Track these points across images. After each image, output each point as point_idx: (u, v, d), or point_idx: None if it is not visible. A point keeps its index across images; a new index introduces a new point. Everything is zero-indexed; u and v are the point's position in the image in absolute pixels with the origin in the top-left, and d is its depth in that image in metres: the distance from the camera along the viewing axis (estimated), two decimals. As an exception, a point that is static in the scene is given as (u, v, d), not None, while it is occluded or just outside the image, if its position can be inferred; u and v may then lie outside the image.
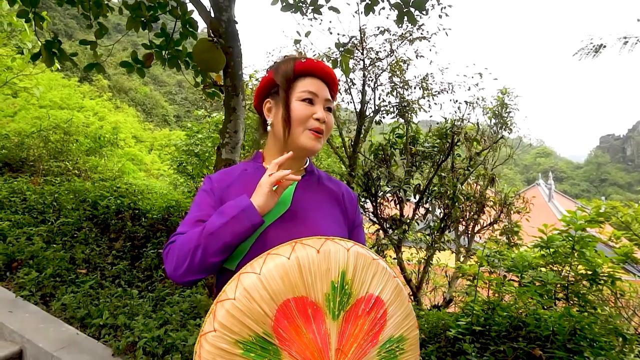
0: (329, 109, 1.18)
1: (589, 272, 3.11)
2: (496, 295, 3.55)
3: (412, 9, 2.98)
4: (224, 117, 3.34)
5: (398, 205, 6.13)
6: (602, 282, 3.14)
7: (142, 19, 3.43)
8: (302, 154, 1.18)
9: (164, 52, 3.63)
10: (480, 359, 2.72)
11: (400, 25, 2.80)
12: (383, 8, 3.06)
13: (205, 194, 1.15)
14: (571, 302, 3.19)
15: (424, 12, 2.98)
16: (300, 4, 3.30)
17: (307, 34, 3.02)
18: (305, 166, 1.23)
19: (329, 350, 0.92)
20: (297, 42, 2.81)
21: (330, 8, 3.16)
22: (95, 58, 3.51)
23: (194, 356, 0.93)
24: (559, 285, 3.23)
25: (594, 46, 3.94)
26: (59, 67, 4.11)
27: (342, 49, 3.35)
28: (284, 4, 3.22)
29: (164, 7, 3.53)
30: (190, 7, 3.40)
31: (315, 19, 5.40)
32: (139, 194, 5.09)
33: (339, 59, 3.15)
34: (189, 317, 2.77)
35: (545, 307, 3.27)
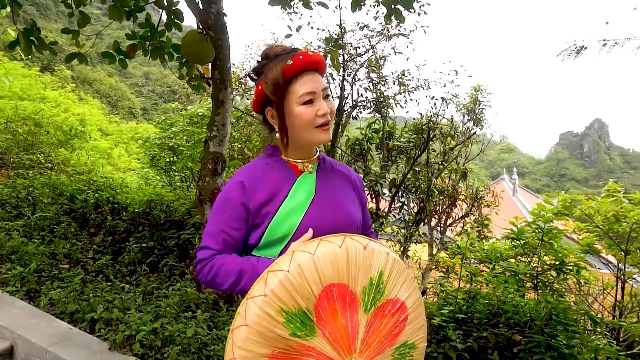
0: (327, 96, 1.19)
1: (557, 263, 3.25)
2: (474, 285, 3.70)
3: (400, 7, 3.05)
4: (211, 110, 3.33)
5: (375, 200, 6.24)
6: (568, 271, 3.29)
7: (127, 9, 3.36)
8: (316, 146, 1.25)
9: (147, 44, 3.58)
10: (464, 345, 2.85)
11: (388, 23, 2.86)
12: (372, 5, 3.10)
13: (230, 206, 1.17)
14: (540, 291, 3.34)
15: (412, 10, 3.06)
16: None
17: (298, 29, 3.05)
18: (317, 155, 1.28)
19: (357, 339, 0.99)
20: (288, 36, 2.83)
21: (319, 3, 3.20)
22: (78, 48, 3.42)
23: (236, 316, 0.98)
24: (528, 275, 3.38)
25: (576, 47, 4.17)
26: (22, 57, 3.98)
27: (333, 44, 3.39)
28: (273, -2, 3.23)
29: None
30: (175, -2, 3.36)
31: (296, 13, 5.42)
32: (117, 187, 4.99)
33: (328, 55, 3.19)
34: (180, 311, 2.77)
35: (522, 296, 3.43)
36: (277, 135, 1.21)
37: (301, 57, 1.13)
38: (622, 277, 5.28)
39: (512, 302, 3.21)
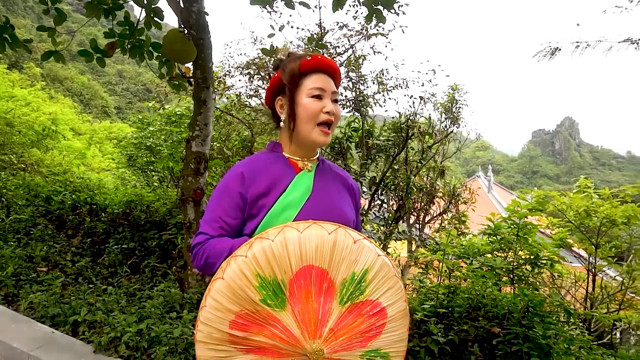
0: (335, 100, 1.27)
1: (532, 257, 3.36)
2: (452, 280, 3.79)
3: (381, 7, 3.09)
4: (193, 109, 3.31)
5: (354, 197, 6.27)
6: (543, 265, 3.40)
7: (105, 6, 3.30)
8: (314, 147, 1.30)
9: (126, 42, 3.52)
10: (445, 339, 2.92)
11: (368, 23, 2.90)
12: (352, 5, 3.14)
13: (227, 194, 1.21)
14: (516, 284, 3.45)
15: (392, 11, 3.11)
16: (271, -2, 3.33)
17: (280, 29, 3.05)
18: (316, 156, 1.35)
19: (325, 326, 1.01)
20: (270, 36, 2.84)
21: (301, 3, 3.21)
22: (54, 46, 3.35)
23: (218, 270, 1.03)
24: (504, 270, 3.48)
25: (550, 49, 4.33)
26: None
27: (315, 44, 3.41)
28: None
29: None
30: (157, -4, 3.31)
31: (276, 12, 5.41)
32: (95, 188, 4.90)
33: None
34: (164, 311, 2.76)
35: (498, 289, 3.53)
36: (283, 124, 1.27)
37: (319, 57, 1.25)
38: (593, 269, 5.49)
39: (491, 296, 3.30)
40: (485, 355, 2.87)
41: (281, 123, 1.28)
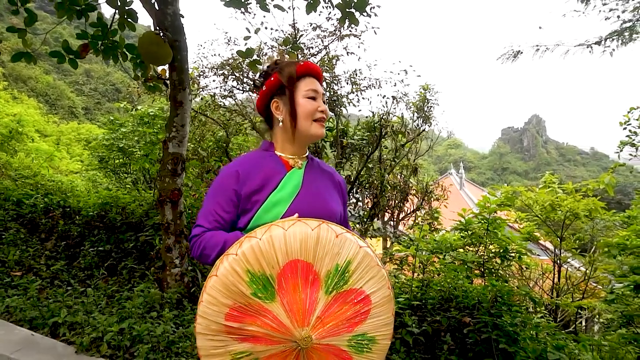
0: (323, 101, 1.41)
1: (501, 250, 3.51)
2: (426, 274, 3.92)
3: (354, 10, 3.19)
4: (169, 111, 3.32)
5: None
6: (511, 258, 3.55)
7: (78, 7, 3.28)
8: (312, 141, 1.42)
9: (99, 43, 3.50)
10: (419, 330, 3.04)
11: (341, 26, 2.98)
12: (325, 7, 3.22)
13: (223, 190, 1.31)
14: (486, 277, 3.60)
15: (365, 14, 3.20)
16: (245, 1, 3.38)
17: (256, 31, 3.10)
18: (306, 154, 1.44)
19: (312, 315, 1.09)
20: (246, 38, 2.88)
21: (276, 6, 3.28)
22: (25, 47, 3.30)
23: (212, 268, 1.12)
24: (475, 263, 3.62)
25: (513, 52, 4.54)
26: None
27: (290, 46, 3.47)
28: (229, -1, 3.27)
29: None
30: (131, -2, 3.31)
31: (250, 13, 5.43)
32: (68, 190, 4.82)
33: (286, 56, 3.27)
34: (144, 311, 2.77)
35: (470, 282, 3.68)
36: (280, 124, 1.36)
37: (310, 63, 1.39)
38: (558, 261, 5.75)
39: (462, 288, 3.44)
40: (457, 343, 3.00)
41: (279, 123, 1.37)
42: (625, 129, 7.35)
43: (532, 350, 2.82)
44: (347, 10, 3.11)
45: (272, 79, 1.38)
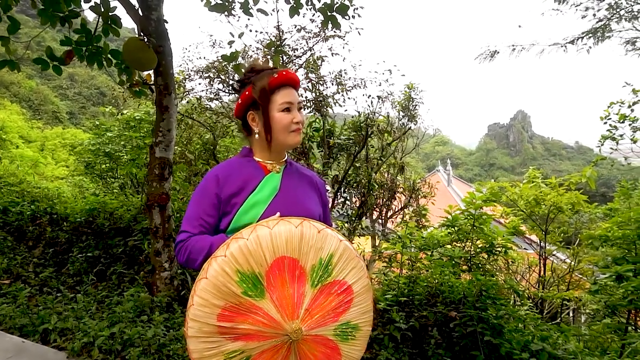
0: (299, 108, 1.42)
1: (487, 245, 3.59)
2: (415, 271, 3.98)
3: (336, 14, 3.24)
4: (155, 115, 3.34)
5: (319, 196, 6.40)
6: (497, 252, 3.63)
7: (61, 14, 3.28)
8: (289, 149, 1.45)
9: (84, 49, 3.50)
10: (407, 325, 3.11)
11: (324, 29, 3.03)
12: (308, 9, 3.26)
13: (205, 195, 1.35)
14: (473, 272, 3.67)
15: (347, 17, 3.26)
16: (228, 3, 3.41)
17: (240, 36, 3.14)
18: (285, 159, 1.48)
19: (301, 308, 1.15)
20: (231, 43, 2.92)
21: (259, 10, 3.32)
22: (9, 55, 3.29)
23: (200, 271, 1.14)
24: (462, 259, 3.70)
25: (490, 52, 4.64)
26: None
27: (274, 50, 3.51)
28: (213, 3, 3.30)
29: (77, 1, 3.37)
30: (113, 3, 3.32)
31: (234, 16, 5.45)
32: (54, 197, 4.79)
33: (270, 60, 3.31)
34: (135, 315, 2.79)
35: (457, 277, 3.75)
36: (257, 136, 1.39)
37: (284, 73, 1.37)
38: (543, 254, 5.87)
39: (448, 283, 3.51)
40: (443, 338, 3.08)
41: (256, 135, 1.40)
42: (605, 123, 7.53)
43: (517, 341, 2.90)
44: (329, 13, 3.15)
45: (247, 92, 1.39)
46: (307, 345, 1.17)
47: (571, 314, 7.50)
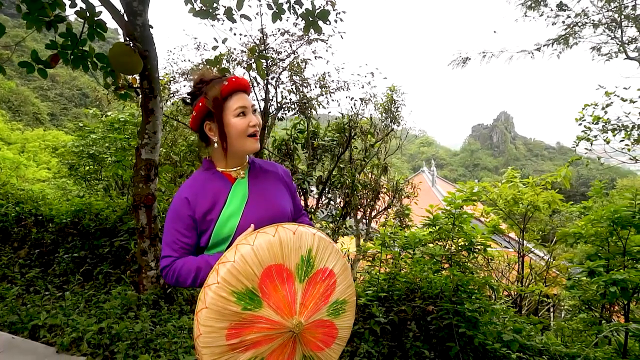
0: (254, 111, 1.45)
1: (467, 243, 3.72)
2: (397, 269, 4.11)
3: (317, 19, 3.35)
4: (141, 118, 3.41)
5: (303, 197, 6.53)
6: (477, 250, 3.76)
7: (47, 18, 3.33)
8: (247, 154, 1.49)
9: (69, 53, 3.56)
10: (386, 319, 3.24)
11: (306, 34, 3.14)
12: (292, 13, 3.37)
13: (179, 219, 1.39)
14: (452, 268, 3.80)
15: (328, 22, 3.38)
16: (212, 9, 3.50)
17: (224, 41, 3.23)
18: (247, 161, 1.53)
19: (296, 304, 1.27)
20: (215, 48, 3.01)
21: (242, 16, 3.41)
22: (-6, 59, 3.33)
23: (198, 302, 1.22)
24: (443, 257, 3.83)
25: (462, 58, 4.80)
26: None
27: (257, 54, 3.61)
28: (198, 9, 3.39)
29: (62, 6, 3.42)
30: (99, 8, 3.38)
31: (218, 19, 5.53)
32: (39, 199, 4.81)
33: (253, 64, 3.41)
34: (122, 312, 2.86)
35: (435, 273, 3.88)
36: (216, 145, 1.42)
37: (234, 80, 1.41)
38: (522, 251, 6.07)
39: (427, 279, 3.65)
40: (421, 331, 3.21)
41: (215, 145, 1.44)
42: (580, 124, 7.78)
43: (490, 333, 3.05)
44: (311, 19, 3.27)
45: (200, 104, 1.41)
46: (308, 332, 1.29)
47: (551, 310, 7.72)
